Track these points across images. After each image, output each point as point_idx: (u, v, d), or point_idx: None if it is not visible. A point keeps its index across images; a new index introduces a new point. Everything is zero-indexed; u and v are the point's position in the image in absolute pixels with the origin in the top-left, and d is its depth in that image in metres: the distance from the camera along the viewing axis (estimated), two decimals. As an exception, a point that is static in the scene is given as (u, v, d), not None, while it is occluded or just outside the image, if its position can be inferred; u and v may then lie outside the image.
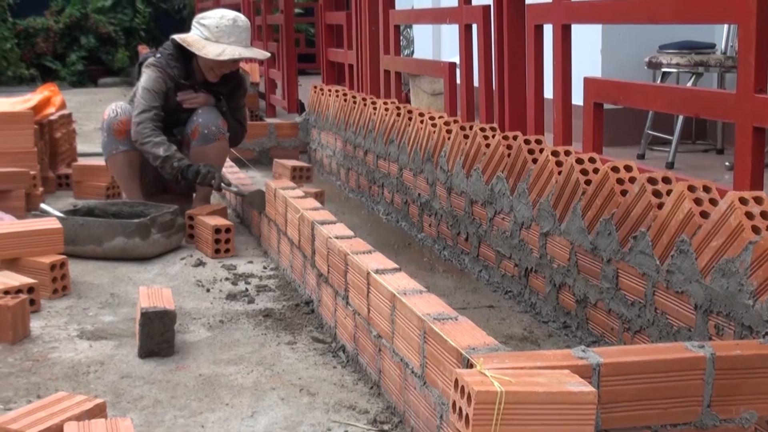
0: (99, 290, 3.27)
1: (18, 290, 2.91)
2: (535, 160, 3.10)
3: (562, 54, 3.47)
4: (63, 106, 5.26)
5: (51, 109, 5.11)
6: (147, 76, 4.07)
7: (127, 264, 3.60)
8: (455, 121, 3.91)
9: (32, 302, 2.96)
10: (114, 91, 12.46)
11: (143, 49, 11.91)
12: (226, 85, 4.22)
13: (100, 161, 4.44)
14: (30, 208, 4.36)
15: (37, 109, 4.98)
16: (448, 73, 4.45)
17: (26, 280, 2.98)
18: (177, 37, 4.10)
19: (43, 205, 3.89)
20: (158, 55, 4.13)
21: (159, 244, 3.69)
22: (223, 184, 3.92)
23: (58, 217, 3.56)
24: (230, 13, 4.06)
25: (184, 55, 4.09)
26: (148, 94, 4.03)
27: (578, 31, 3.64)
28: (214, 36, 4.03)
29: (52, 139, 5.18)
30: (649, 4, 2.92)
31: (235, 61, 4.05)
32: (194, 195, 4.27)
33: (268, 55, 4.19)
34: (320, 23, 6.90)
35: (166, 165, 3.91)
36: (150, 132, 3.97)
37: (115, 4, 15.19)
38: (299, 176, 4.87)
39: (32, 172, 4.53)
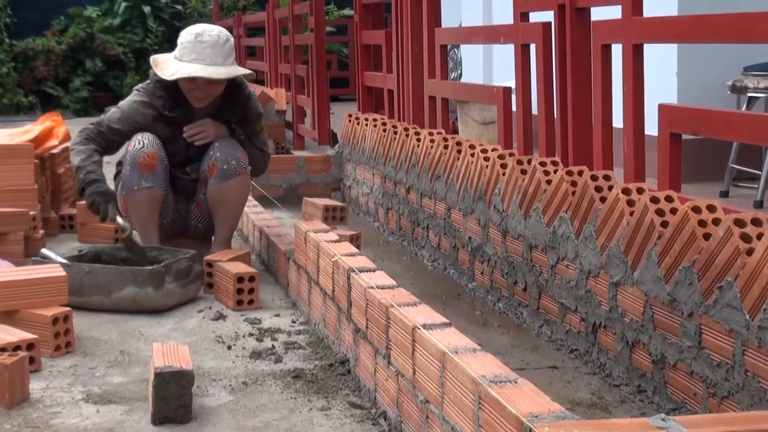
0: (107, 347, 3.30)
1: (16, 347, 2.95)
2: (603, 199, 3.10)
3: (633, 77, 3.48)
4: (67, 137, 5.33)
5: (53, 142, 5.19)
6: (128, 99, 4.22)
7: (139, 317, 3.64)
8: (511, 155, 3.91)
9: (32, 360, 2.99)
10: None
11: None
12: (233, 110, 4.27)
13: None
14: (29, 254, 4.42)
15: (38, 141, 5.06)
16: (503, 100, 4.47)
17: (25, 335, 3.02)
18: (153, 57, 4.22)
19: (44, 250, 3.95)
20: (148, 82, 4.23)
21: (174, 294, 3.72)
22: (109, 219, 3.96)
23: (61, 264, 3.60)
24: (201, 28, 4.11)
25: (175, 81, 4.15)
26: (115, 114, 4.16)
27: (651, 51, 3.64)
28: (179, 53, 4.12)
29: (54, 175, 5.26)
30: (739, 20, 2.91)
31: (193, 80, 4.04)
32: (213, 238, 4.31)
33: (237, 74, 4.11)
34: (355, 43, 6.97)
35: (77, 176, 4.04)
36: (80, 140, 4.11)
37: (124, 22, 15.44)
38: (332, 217, 4.90)
39: (32, 213, 4.61)
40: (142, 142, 4.11)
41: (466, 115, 6.70)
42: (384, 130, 5.45)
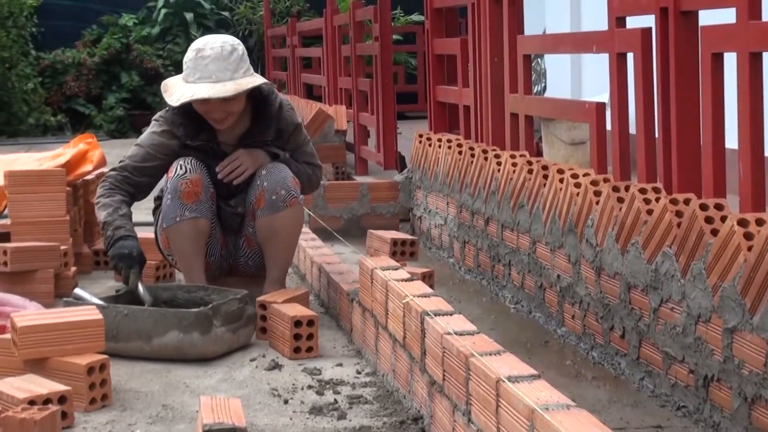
0: (148, 400, 3.34)
1: (46, 400, 2.99)
2: (714, 232, 3.07)
3: (750, 90, 3.45)
4: (102, 162, 5.40)
5: (87, 167, 5.27)
6: (147, 131, 4.28)
7: (184, 366, 3.67)
8: (605, 180, 3.90)
9: (64, 415, 3.03)
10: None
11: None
12: (264, 127, 4.28)
13: (148, 233, 4.55)
14: (60, 294, 4.49)
15: (71, 166, 5.14)
16: (596, 117, 4.45)
17: (57, 386, 3.06)
18: (164, 82, 4.27)
19: (76, 290, 4.00)
20: (166, 109, 4.28)
21: (223, 340, 3.75)
22: (131, 286, 3.98)
23: (96, 305, 3.65)
24: (203, 42, 4.13)
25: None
26: (137, 152, 4.23)
27: (769, 60, 3.61)
28: (184, 75, 4.17)
29: (88, 205, 5.34)
30: None
31: (206, 102, 4.06)
32: (265, 277, 4.34)
33: (248, 87, 4.09)
34: (426, 53, 7.00)
35: (104, 232, 4.09)
36: (104, 191, 4.17)
37: (163, 31, 15.67)
38: (401, 252, 4.91)
39: (63, 247, 4.68)
40: (184, 167, 4.16)
41: (552, 134, 6.70)
42: (459, 153, 5.46)
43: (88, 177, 5.35)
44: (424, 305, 3.03)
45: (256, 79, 4.14)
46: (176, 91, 4.14)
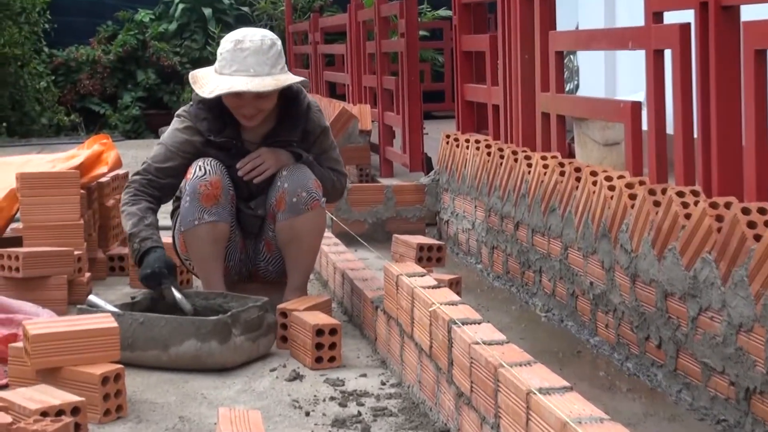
0: (164, 412, 3.35)
1: (59, 411, 3.00)
2: (757, 237, 3.06)
3: (793, 89, 3.44)
4: (118, 164, 5.44)
5: (102, 169, 5.30)
6: (169, 128, 4.32)
7: (201, 376, 3.68)
8: (641, 183, 3.89)
9: (77, 427, 3.04)
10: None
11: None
12: (291, 127, 4.29)
13: (165, 237, 4.56)
14: (74, 300, 4.51)
15: (85, 168, 5.17)
16: (631, 116, 4.44)
17: (70, 397, 3.07)
18: (191, 73, 4.29)
19: (91, 297, 4.02)
20: (190, 103, 4.30)
21: (243, 349, 3.76)
22: (170, 302, 3.99)
23: (111, 313, 3.66)
24: (241, 33, 4.14)
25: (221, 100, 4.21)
26: (160, 152, 4.26)
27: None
28: (219, 66, 4.17)
29: (102, 208, 5.38)
30: None
31: (238, 96, 4.08)
32: (286, 284, 4.35)
33: (287, 83, 4.13)
34: (453, 50, 7.00)
35: (130, 245, 4.12)
36: (128, 198, 4.19)
37: (181, 28, 15.70)
38: (427, 258, 4.90)
39: (77, 252, 4.71)
40: (203, 168, 4.17)
41: (585, 135, 6.68)
42: (488, 154, 5.46)
43: (103, 179, 5.38)
44: (452, 313, 3.04)
45: (294, 77, 4.17)
46: (209, 82, 4.15)
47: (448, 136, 6.24)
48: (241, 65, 4.09)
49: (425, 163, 7.98)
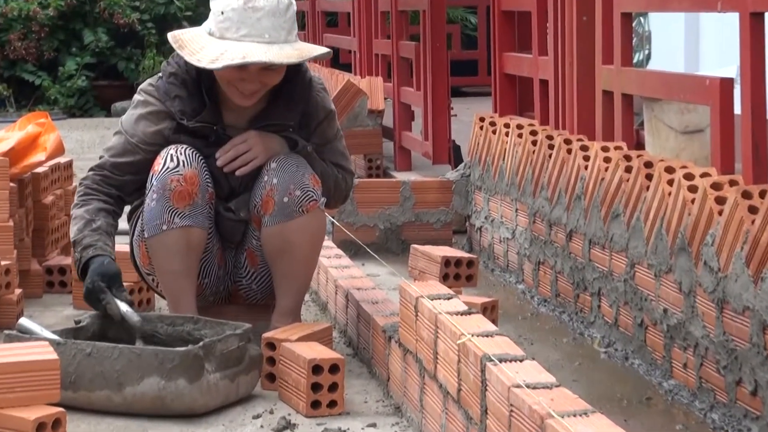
0: (116, 468, 3.35)
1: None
2: None
3: None
4: (59, 150, 5.42)
5: (39, 156, 5.28)
6: (130, 110, 4.30)
7: (165, 424, 3.66)
8: (732, 183, 3.88)
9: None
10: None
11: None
12: (288, 108, 4.28)
13: (122, 244, 4.56)
14: (2, 324, 4.50)
15: (16, 155, 5.14)
16: (719, 96, 4.43)
17: (-4, 449, 3.08)
18: (171, 34, 4.22)
19: (23, 320, 4.00)
20: (159, 75, 4.29)
21: (218, 390, 3.75)
22: (112, 313, 3.99)
23: (49, 341, 3.65)
24: None
25: (199, 74, 4.20)
26: (117, 143, 4.27)
27: None
28: (217, 28, 4.14)
29: (38, 206, 5.36)
30: None
31: (243, 69, 4.07)
32: (274, 306, 4.34)
33: (312, 56, 4.18)
34: (491, 8, 6.99)
35: (73, 255, 4.15)
36: (77, 200, 4.22)
37: (141, -24, 15.70)
38: (455, 275, 4.90)
39: (4, 263, 4.70)
40: (175, 158, 4.14)
41: (659, 119, 6.66)
42: (533, 143, 5.44)
43: (40, 170, 5.35)
44: (486, 347, 3.02)
45: (318, 48, 4.21)
46: (205, 48, 4.11)
47: (482, 119, 6.22)
48: (253, 29, 4.08)
49: (453, 153, 7.97)
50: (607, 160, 4.67)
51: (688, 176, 4.04)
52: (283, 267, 4.24)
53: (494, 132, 6.00)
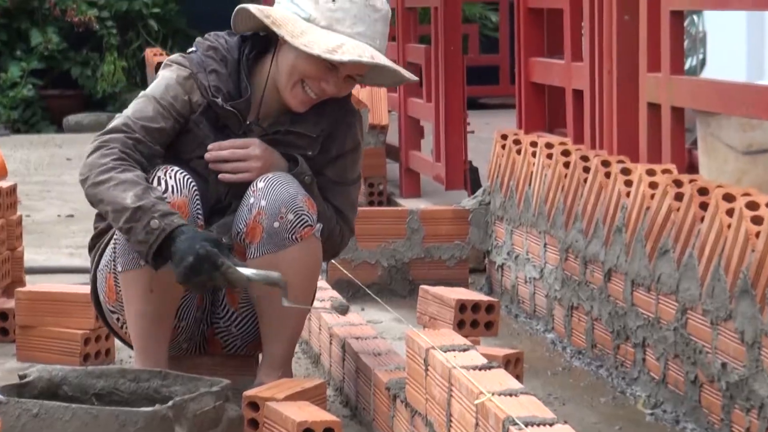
0: None
1: None
2: None
3: None
4: (1, 173, 5.43)
5: (-25, 180, 5.31)
6: (160, 77, 4.29)
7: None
8: (803, 215, 3.87)
9: None
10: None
11: (156, 56, 12.25)
12: (311, 120, 4.30)
13: (75, 282, 4.55)
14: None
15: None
16: (789, 112, 4.43)
17: None
18: (251, 7, 4.18)
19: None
20: (193, 49, 4.31)
21: (190, 459, 3.74)
22: (235, 280, 3.95)
23: (-10, 400, 3.65)
24: None
25: (243, 56, 4.24)
26: (146, 107, 4.20)
27: None
28: (324, 16, 4.17)
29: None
30: None
31: (334, 68, 4.15)
32: (260, 356, 4.34)
33: (414, 78, 4.35)
34: (515, 5, 7.00)
35: (137, 227, 3.95)
36: (111, 162, 4.05)
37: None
38: (473, 322, 4.90)
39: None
40: (163, 181, 4.13)
41: (716, 137, 6.66)
42: (566, 165, 5.45)
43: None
44: (510, 408, 3.02)
45: (410, 75, 4.34)
46: (311, 35, 4.13)
47: (504, 137, 6.24)
48: (369, 29, 4.18)
49: (469, 177, 7.99)
50: (653, 185, 4.66)
51: (752, 205, 4.03)
52: (271, 308, 4.21)
53: (519, 152, 6.00)
